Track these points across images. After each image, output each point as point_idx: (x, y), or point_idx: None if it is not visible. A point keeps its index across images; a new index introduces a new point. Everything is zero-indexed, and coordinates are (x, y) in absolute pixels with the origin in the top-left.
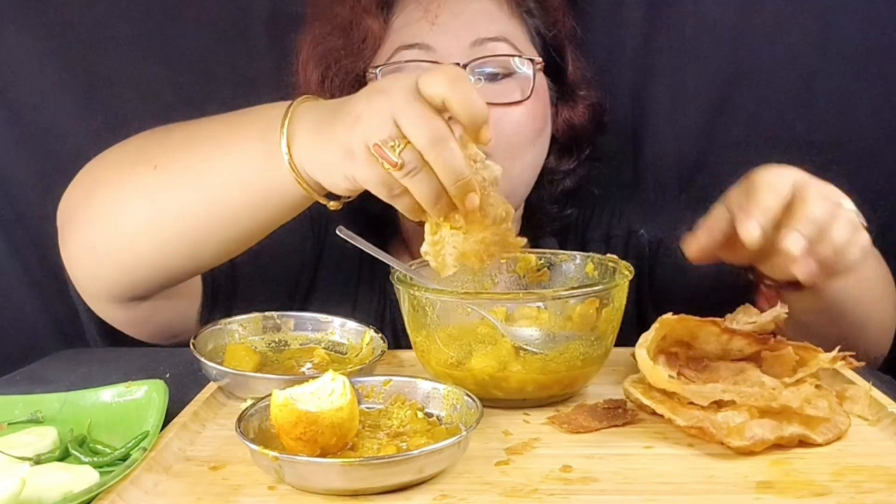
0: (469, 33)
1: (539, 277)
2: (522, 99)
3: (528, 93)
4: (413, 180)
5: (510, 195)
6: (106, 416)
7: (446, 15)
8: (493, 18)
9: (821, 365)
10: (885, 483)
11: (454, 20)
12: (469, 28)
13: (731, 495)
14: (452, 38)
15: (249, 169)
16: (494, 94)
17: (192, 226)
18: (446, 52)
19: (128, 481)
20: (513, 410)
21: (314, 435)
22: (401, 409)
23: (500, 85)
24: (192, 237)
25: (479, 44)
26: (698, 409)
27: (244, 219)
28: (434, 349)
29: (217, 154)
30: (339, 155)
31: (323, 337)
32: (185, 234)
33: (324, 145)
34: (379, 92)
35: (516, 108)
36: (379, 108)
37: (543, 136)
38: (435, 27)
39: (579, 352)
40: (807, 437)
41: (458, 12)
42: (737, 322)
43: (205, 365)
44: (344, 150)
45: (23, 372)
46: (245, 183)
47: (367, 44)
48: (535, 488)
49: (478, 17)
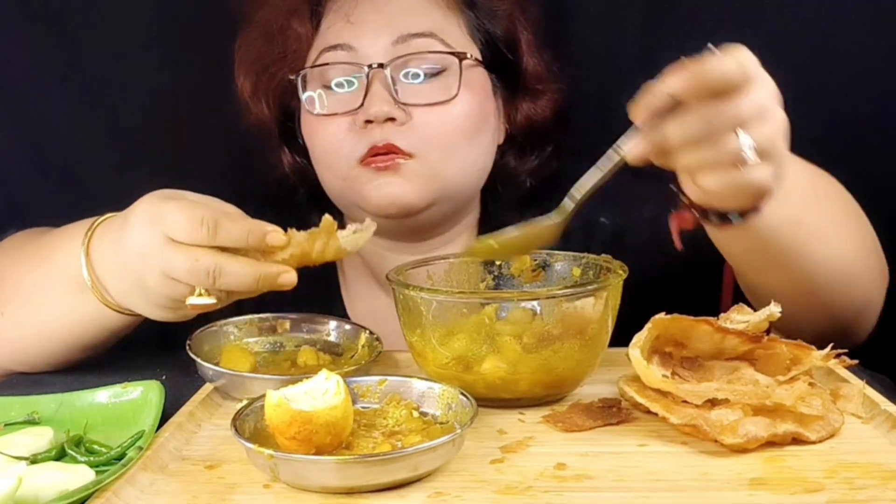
0: (391, 30)
1: (534, 277)
2: (449, 98)
3: (454, 90)
4: (228, 298)
5: (446, 198)
6: (102, 416)
7: (367, 12)
8: (421, 13)
9: (814, 363)
10: (877, 480)
11: (375, 17)
12: (391, 25)
13: (724, 492)
14: (374, 37)
15: (79, 320)
16: (421, 93)
17: (48, 354)
18: (368, 51)
19: (124, 480)
20: (508, 409)
21: (309, 434)
22: (396, 409)
23: (429, 84)
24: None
25: (402, 41)
26: (692, 407)
27: (94, 346)
28: (429, 349)
29: (45, 307)
30: (159, 309)
31: (318, 338)
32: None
33: (137, 299)
34: (138, 255)
35: (443, 108)
36: (151, 270)
37: (482, 134)
38: (356, 26)
39: (574, 351)
40: (800, 434)
41: (379, 8)
42: (730, 321)
43: (201, 366)
44: (160, 306)
45: (20, 375)
46: (81, 330)
47: (295, 49)
48: (529, 486)
49: (402, 12)
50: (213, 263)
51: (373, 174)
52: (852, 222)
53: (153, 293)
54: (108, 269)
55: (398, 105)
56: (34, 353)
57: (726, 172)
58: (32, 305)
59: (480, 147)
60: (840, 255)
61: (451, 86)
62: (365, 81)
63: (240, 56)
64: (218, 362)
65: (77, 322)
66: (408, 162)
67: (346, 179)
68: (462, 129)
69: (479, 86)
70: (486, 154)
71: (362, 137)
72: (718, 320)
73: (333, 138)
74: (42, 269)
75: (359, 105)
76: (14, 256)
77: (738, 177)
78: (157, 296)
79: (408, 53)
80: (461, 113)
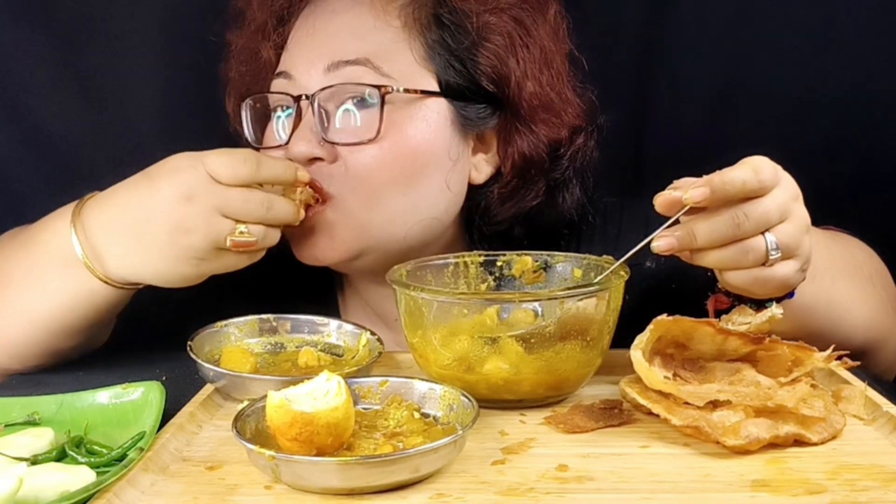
0: (323, 56)
1: (535, 279)
2: (370, 138)
3: (375, 130)
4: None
5: (374, 250)
6: (103, 417)
7: (304, 36)
8: (360, 36)
9: (815, 364)
10: (879, 482)
11: (310, 41)
12: (323, 50)
13: (726, 494)
14: (308, 64)
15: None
16: (347, 130)
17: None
18: (303, 80)
19: (124, 481)
20: (509, 411)
21: (310, 435)
22: (397, 410)
23: (359, 116)
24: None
25: (334, 68)
26: (694, 408)
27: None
28: (430, 350)
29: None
30: (182, 264)
31: (319, 339)
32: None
33: (152, 260)
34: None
35: (366, 149)
36: (198, 211)
37: (424, 179)
38: (293, 52)
39: (576, 352)
40: (802, 436)
41: (316, 31)
42: (732, 322)
43: (201, 367)
44: (185, 258)
45: (20, 376)
46: (66, 310)
47: (264, 73)
48: (530, 487)
49: (338, 34)
50: (264, 195)
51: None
52: (879, 288)
53: (194, 237)
54: (113, 234)
55: (324, 143)
56: (21, 342)
57: (751, 271)
58: (17, 290)
59: (419, 194)
60: (868, 322)
61: (374, 123)
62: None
63: (224, 75)
64: (218, 363)
65: (61, 302)
66: (325, 211)
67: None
68: (388, 174)
69: (422, 122)
70: (431, 202)
71: None
72: (720, 322)
73: None
74: (26, 253)
75: (286, 141)
76: (2, 248)
77: (763, 274)
78: (198, 239)
79: (338, 84)
80: (391, 154)
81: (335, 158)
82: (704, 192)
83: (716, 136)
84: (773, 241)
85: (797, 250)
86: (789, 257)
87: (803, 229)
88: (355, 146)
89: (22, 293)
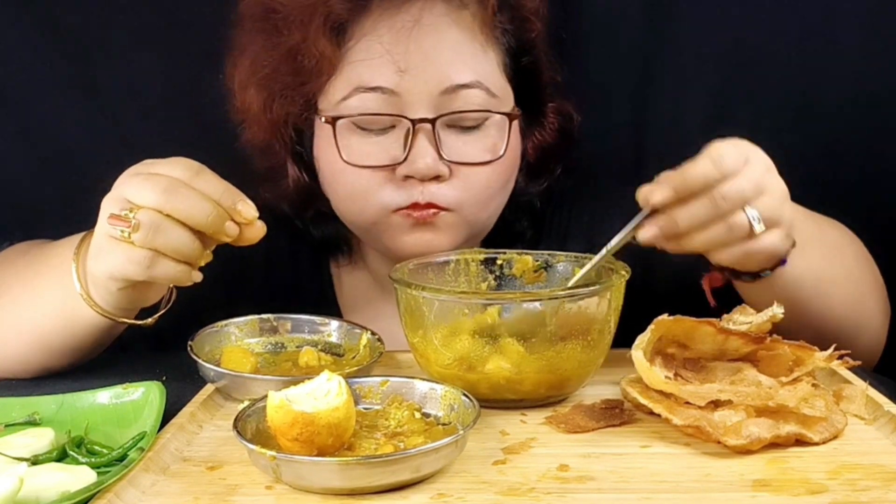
0: (440, 79)
1: (536, 278)
2: (494, 158)
3: (501, 150)
4: (158, 236)
5: (477, 240)
6: (103, 417)
7: (414, 54)
8: (467, 56)
9: (816, 364)
10: (880, 481)
11: (423, 61)
12: (440, 72)
13: (727, 493)
14: (421, 84)
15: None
16: (465, 150)
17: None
18: (412, 99)
19: (125, 481)
20: (510, 411)
21: (311, 436)
22: (398, 410)
23: (472, 137)
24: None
25: (450, 91)
26: (695, 408)
27: (69, 349)
28: (431, 350)
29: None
30: (94, 259)
31: (320, 339)
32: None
33: (88, 261)
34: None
35: (487, 167)
36: (108, 197)
37: (511, 181)
38: (400, 68)
39: (577, 352)
40: (803, 435)
41: (427, 50)
42: (733, 322)
43: (202, 366)
44: (95, 253)
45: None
46: (55, 325)
47: (319, 70)
48: (531, 487)
49: (450, 56)
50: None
51: (408, 225)
52: (864, 271)
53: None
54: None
55: (443, 161)
56: (10, 356)
57: (738, 246)
58: (15, 305)
59: (509, 190)
60: (854, 301)
61: (497, 144)
62: (407, 132)
63: (245, 68)
64: (219, 363)
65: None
66: (445, 215)
67: (376, 224)
68: (500, 184)
69: (516, 135)
70: (509, 194)
71: (402, 190)
72: (721, 321)
73: (368, 186)
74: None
75: (402, 159)
76: (14, 261)
77: (751, 247)
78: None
79: (457, 111)
80: (502, 168)
81: (452, 175)
82: (665, 195)
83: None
84: (754, 215)
85: (780, 219)
86: (773, 227)
87: (782, 199)
88: (477, 166)
89: (20, 308)
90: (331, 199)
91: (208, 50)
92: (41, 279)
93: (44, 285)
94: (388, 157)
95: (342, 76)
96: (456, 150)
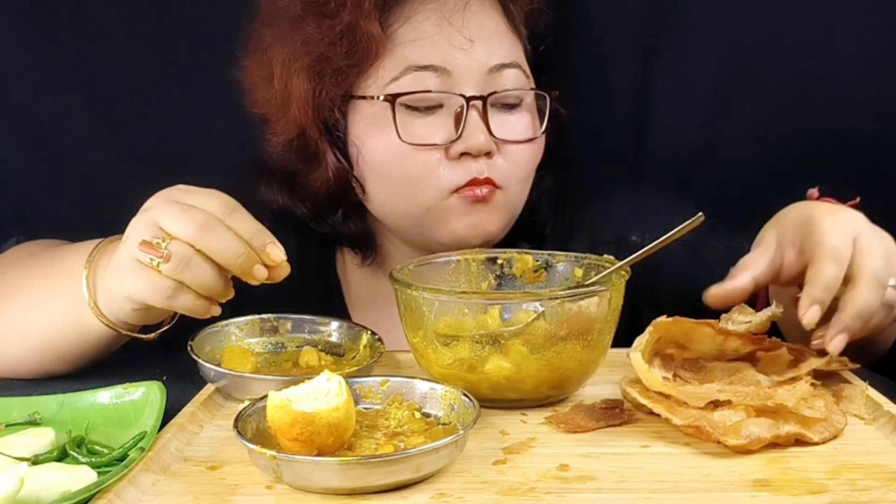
0: (487, 58)
1: (536, 278)
2: (534, 136)
3: (540, 128)
4: (186, 270)
5: (513, 220)
6: (104, 417)
7: (465, 34)
8: (504, 38)
9: (815, 365)
10: (880, 481)
11: (472, 41)
12: (487, 51)
13: (727, 493)
14: (472, 63)
15: (61, 320)
16: (509, 128)
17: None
18: (464, 77)
19: (125, 481)
20: (510, 411)
21: (311, 435)
22: (398, 410)
23: (513, 116)
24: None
25: (495, 70)
26: (695, 408)
27: (71, 356)
28: (431, 350)
29: (33, 307)
30: (115, 278)
31: (320, 339)
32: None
33: (105, 276)
34: (141, 212)
35: (528, 145)
36: (141, 220)
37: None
38: (453, 48)
39: (577, 352)
40: (803, 435)
41: (475, 31)
42: (732, 321)
43: (202, 366)
44: (117, 272)
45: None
46: (59, 332)
47: (369, 50)
48: (532, 487)
49: (495, 38)
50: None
51: (466, 205)
52: None
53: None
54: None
55: (493, 139)
56: (10, 358)
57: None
58: (20, 307)
59: (533, 176)
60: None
61: (536, 122)
62: (457, 110)
63: (289, 61)
64: (219, 363)
65: (59, 330)
66: (499, 193)
67: (432, 210)
68: (535, 164)
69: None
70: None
71: (459, 168)
72: (720, 321)
73: (424, 167)
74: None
75: (457, 136)
76: (22, 262)
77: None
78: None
79: (503, 90)
80: (538, 150)
81: (499, 152)
82: (816, 316)
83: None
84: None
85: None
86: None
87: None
88: (521, 143)
89: (25, 312)
90: (376, 190)
91: (210, 50)
92: (49, 285)
93: (51, 291)
94: (443, 136)
95: (391, 57)
96: (502, 128)
